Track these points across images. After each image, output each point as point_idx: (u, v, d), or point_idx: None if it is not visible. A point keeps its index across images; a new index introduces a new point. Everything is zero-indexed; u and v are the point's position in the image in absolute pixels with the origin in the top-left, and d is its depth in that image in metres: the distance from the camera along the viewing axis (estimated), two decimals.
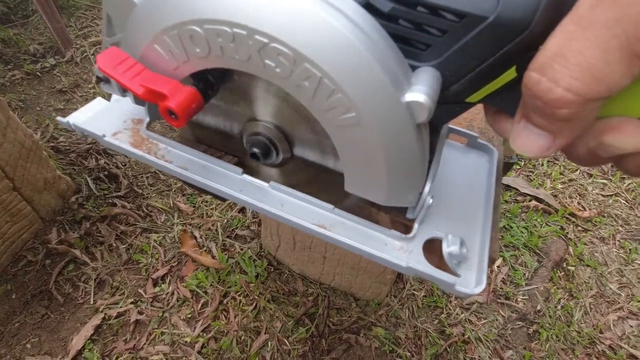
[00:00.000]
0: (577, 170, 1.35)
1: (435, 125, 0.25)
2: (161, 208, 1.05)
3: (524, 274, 1.04)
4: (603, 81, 0.15)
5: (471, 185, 0.32)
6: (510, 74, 0.20)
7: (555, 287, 1.02)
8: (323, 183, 0.31)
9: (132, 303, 0.87)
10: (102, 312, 0.85)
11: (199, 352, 0.81)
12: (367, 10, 0.20)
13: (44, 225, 0.95)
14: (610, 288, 1.04)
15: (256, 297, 0.90)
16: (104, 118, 0.35)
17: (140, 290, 0.89)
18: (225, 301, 0.90)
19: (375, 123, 0.21)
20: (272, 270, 0.96)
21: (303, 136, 0.28)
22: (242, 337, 0.84)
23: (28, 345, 0.79)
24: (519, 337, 0.93)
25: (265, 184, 0.31)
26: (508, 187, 1.26)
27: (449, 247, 0.26)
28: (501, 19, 0.18)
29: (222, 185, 0.30)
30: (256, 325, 0.86)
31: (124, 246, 0.96)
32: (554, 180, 1.31)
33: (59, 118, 0.34)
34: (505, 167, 0.51)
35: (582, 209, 1.23)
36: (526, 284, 1.02)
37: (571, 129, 0.18)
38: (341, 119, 0.22)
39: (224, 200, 0.32)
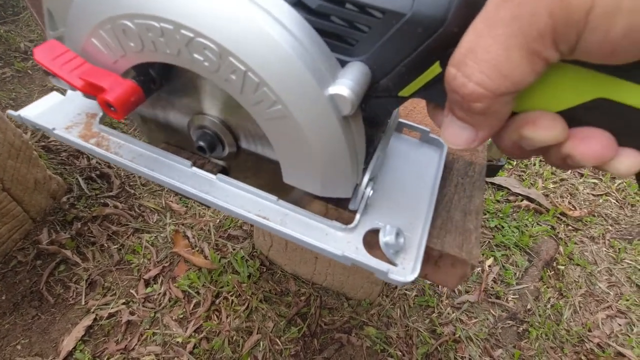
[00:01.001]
0: (568, 170, 1.37)
1: (376, 119, 0.26)
2: (153, 208, 1.05)
3: (515, 274, 1.05)
4: (508, 78, 0.16)
5: (420, 178, 0.33)
6: (435, 69, 0.21)
7: (545, 286, 1.03)
8: (271, 175, 0.31)
9: (123, 303, 0.87)
10: (93, 312, 0.84)
11: (191, 353, 0.81)
12: (298, 6, 0.21)
13: (35, 226, 0.95)
14: (600, 287, 1.06)
15: (248, 297, 0.90)
16: (58, 112, 0.35)
17: (132, 291, 0.89)
18: (217, 301, 0.90)
19: (301, 116, 0.22)
20: (265, 270, 0.96)
21: (247, 130, 0.29)
22: (234, 337, 0.85)
23: (18, 347, 0.79)
24: (509, 336, 0.94)
25: (213, 177, 0.31)
26: (500, 187, 1.27)
27: (385, 237, 0.27)
28: (417, 16, 0.19)
29: (171, 178, 0.31)
30: (248, 326, 0.87)
31: (115, 246, 0.95)
32: (546, 180, 1.32)
33: (10, 112, 0.33)
34: (493, 169, 0.52)
35: (573, 209, 1.24)
36: (517, 283, 1.03)
37: (489, 122, 0.19)
38: (269, 112, 0.23)
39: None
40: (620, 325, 0.99)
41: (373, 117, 0.25)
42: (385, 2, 0.19)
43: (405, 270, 0.27)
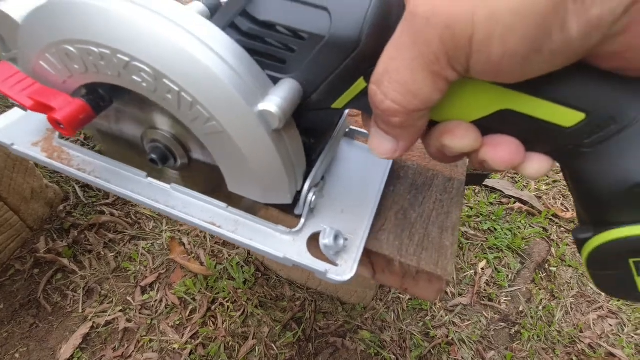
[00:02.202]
0: (561, 171, 1.38)
1: (316, 129, 0.28)
2: (149, 215, 1.06)
3: (507, 276, 1.06)
4: (417, 96, 0.18)
5: (367, 183, 0.35)
6: (360, 84, 0.22)
7: (537, 288, 1.05)
8: (224, 184, 0.33)
9: (120, 311, 0.88)
10: (90, 320, 0.85)
11: (187, 359, 0.82)
12: (232, 28, 0.23)
13: (32, 234, 0.96)
14: (591, 288, 1.07)
15: (244, 302, 0.92)
16: (18, 128, 0.36)
17: (129, 298, 0.90)
18: (213, 307, 0.91)
19: (234, 131, 0.24)
20: (260, 275, 0.97)
21: (196, 142, 0.31)
22: (230, 343, 0.86)
23: (17, 355, 0.80)
24: (501, 337, 0.95)
25: (167, 186, 0.33)
26: (493, 190, 1.28)
27: (324, 239, 0.29)
28: (334, 38, 0.21)
29: (128, 189, 0.32)
30: (244, 331, 0.88)
31: (112, 254, 0.97)
32: (539, 182, 1.33)
33: None
34: (479, 178, 0.53)
35: (566, 210, 1.25)
36: (509, 286, 1.04)
37: (407, 134, 0.21)
38: (205, 128, 0.25)
39: None
40: (611, 325, 1.00)
41: (312, 127, 0.27)
42: (307, 25, 0.21)
43: (344, 270, 0.28)
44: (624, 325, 1.00)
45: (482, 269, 1.07)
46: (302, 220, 0.31)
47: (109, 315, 0.87)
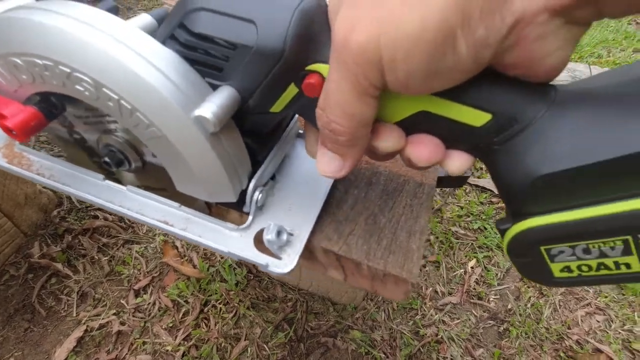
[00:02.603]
0: None
1: (260, 132, 0.30)
2: None
3: (497, 274, 1.08)
4: (353, 116, 0.20)
5: (317, 182, 0.37)
6: (292, 89, 0.24)
7: (525, 286, 1.06)
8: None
9: (114, 314, 0.89)
10: (84, 324, 0.87)
11: None
12: (172, 39, 0.25)
13: (26, 240, 0.97)
14: None
15: (236, 304, 0.93)
16: None
17: (123, 301, 0.92)
18: (205, 309, 0.92)
19: (173, 136, 0.25)
20: (252, 277, 0.98)
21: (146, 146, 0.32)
22: (223, 344, 0.87)
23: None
24: (489, 335, 0.97)
25: (123, 188, 0.34)
26: (484, 189, 1.30)
27: (267, 235, 0.30)
28: (260, 49, 0.22)
29: (86, 192, 0.34)
30: (236, 332, 0.89)
31: (106, 258, 0.98)
32: None
33: None
34: (459, 180, 0.54)
35: None
36: (498, 284, 1.06)
37: (353, 151, 0.22)
38: (147, 133, 0.26)
39: None
40: (598, 322, 1.02)
41: (256, 130, 0.29)
42: (236, 37, 0.23)
43: (286, 263, 0.30)
44: (611, 321, 1.02)
45: (472, 267, 1.09)
46: (250, 218, 0.32)
47: (103, 319, 0.88)
